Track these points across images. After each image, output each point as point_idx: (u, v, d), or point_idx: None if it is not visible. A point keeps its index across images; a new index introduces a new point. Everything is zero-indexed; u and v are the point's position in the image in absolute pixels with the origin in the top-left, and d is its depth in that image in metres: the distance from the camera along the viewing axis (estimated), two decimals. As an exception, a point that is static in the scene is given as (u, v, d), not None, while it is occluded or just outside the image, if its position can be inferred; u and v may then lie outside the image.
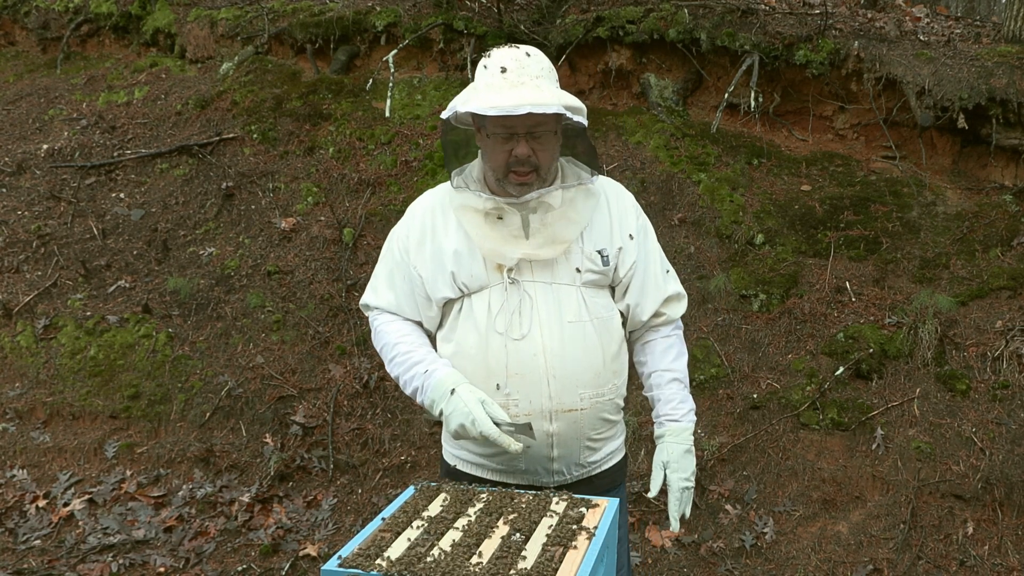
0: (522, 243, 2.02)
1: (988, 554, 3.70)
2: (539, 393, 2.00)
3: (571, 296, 2.04)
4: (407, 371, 2.09)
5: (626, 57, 6.21)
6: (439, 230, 2.10)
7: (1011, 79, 5.19)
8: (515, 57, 1.96)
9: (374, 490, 4.31)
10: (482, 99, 1.90)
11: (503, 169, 1.99)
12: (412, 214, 2.18)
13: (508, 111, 1.86)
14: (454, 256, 2.06)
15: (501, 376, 2.01)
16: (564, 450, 2.07)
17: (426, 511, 1.97)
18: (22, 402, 4.78)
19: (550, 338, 2.01)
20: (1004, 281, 4.64)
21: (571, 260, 2.05)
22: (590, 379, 2.04)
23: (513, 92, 1.89)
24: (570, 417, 2.03)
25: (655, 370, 2.20)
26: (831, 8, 6.18)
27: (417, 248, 2.11)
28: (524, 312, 2.01)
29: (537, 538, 1.86)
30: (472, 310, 2.05)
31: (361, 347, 4.88)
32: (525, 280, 2.03)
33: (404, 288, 2.14)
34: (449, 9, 6.59)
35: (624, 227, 2.14)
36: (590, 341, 2.04)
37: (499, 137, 1.96)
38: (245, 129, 6.24)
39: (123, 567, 3.91)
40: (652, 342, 2.21)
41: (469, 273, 2.05)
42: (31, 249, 5.62)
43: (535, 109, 1.85)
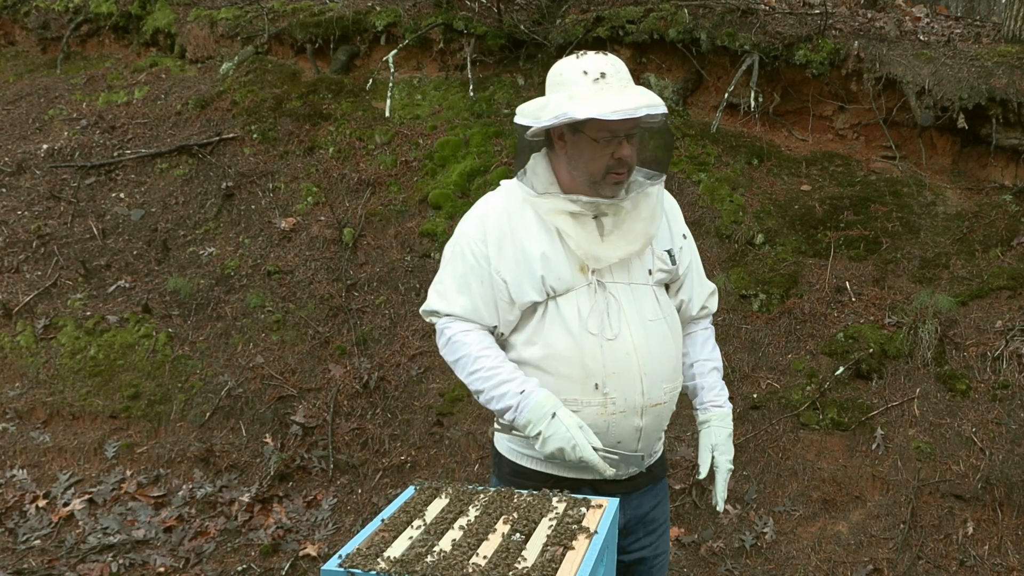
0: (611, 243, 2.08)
1: (988, 554, 3.70)
2: (633, 390, 2.07)
3: (647, 295, 2.13)
4: (496, 387, 2.09)
5: (626, 57, 6.21)
6: (519, 233, 2.11)
7: (1011, 79, 5.19)
8: (610, 63, 2.03)
9: (374, 490, 4.31)
10: (599, 104, 1.94)
11: (603, 171, 2.04)
12: (482, 217, 2.17)
13: (629, 114, 1.92)
14: (542, 259, 2.08)
15: (599, 376, 2.06)
16: (646, 443, 2.15)
17: (426, 511, 1.97)
18: (22, 402, 4.78)
19: (638, 337, 2.08)
20: (1004, 281, 4.64)
21: (644, 260, 2.14)
22: (670, 373, 2.15)
23: (624, 96, 1.96)
24: (656, 411, 2.12)
25: (697, 359, 2.31)
26: (831, 8, 6.18)
27: (497, 251, 2.11)
28: (612, 312, 2.08)
29: (537, 538, 1.86)
30: (560, 312, 2.08)
31: (361, 347, 4.88)
32: (608, 281, 2.09)
33: (481, 292, 2.13)
34: (449, 9, 6.59)
35: (677, 227, 2.25)
36: (667, 337, 2.14)
37: (602, 140, 2.01)
38: (245, 129, 6.24)
39: (123, 567, 3.91)
40: (693, 334, 2.33)
41: (557, 276, 2.08)
42: (31, 249, 5.62)
43: (651, 110, 1.94)
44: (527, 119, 2.06)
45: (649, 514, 2.27)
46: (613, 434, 2.08)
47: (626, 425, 2.08)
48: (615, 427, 2.08)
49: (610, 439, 2.07)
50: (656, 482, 2.28)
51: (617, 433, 2.08)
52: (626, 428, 2.09)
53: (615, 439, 2.08)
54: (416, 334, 4.94)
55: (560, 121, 1.97)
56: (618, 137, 2.00)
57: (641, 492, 2.23)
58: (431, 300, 2.21)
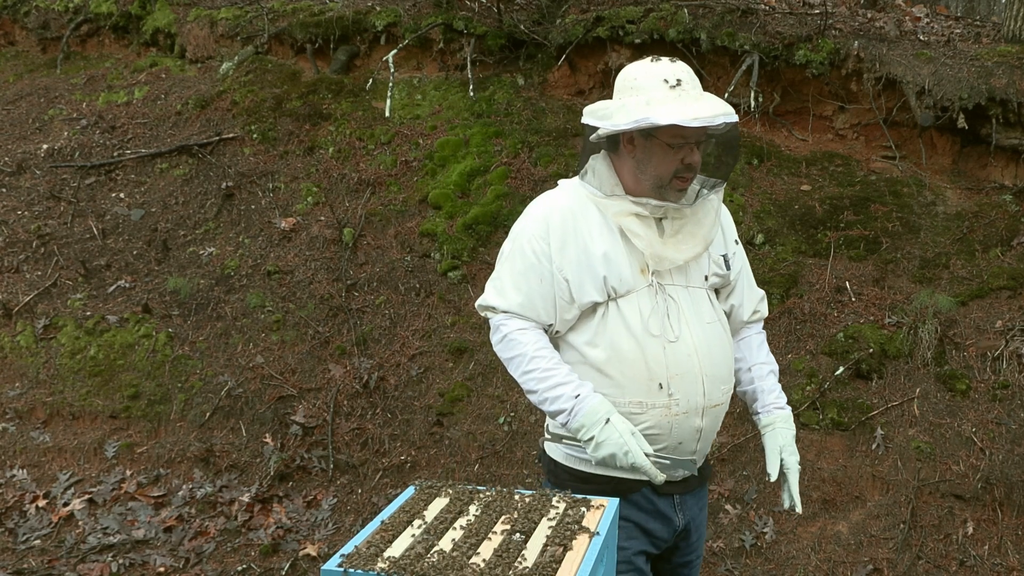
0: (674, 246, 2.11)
1: (988, 554, 3.70)
2: (696, 392, 2.09)
3: (703, 298, 2.17)
4: (550, 389, 2.10)
5: (626, 57, 6.21)
6: (582, 232, 2.11)
7: (1011, 79, 5.19)
8: (684, 69, 2.07)
9: (374, 490, 4.31)
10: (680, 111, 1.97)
11: (670, 176, 2.07)
12: (545, 216, 2.15)
13: (709, 121, 1.97)
14: (604, 259, 2.09)
15: (663, 378, 2.07)
16: (704, 443, 2.17)
17: (426, 511, 1.97)
18: (22, 402, 4.78)
19: (698, 339, 2.11)
20: (1004, 281, 4.64)
21: (701, 265, 2.17)
22: (727, 374, 2.18)
23: (701, 104, 2.00)
24: (715, 412, 2.15)
25: (754, 363, 2.33)
26: (831, 8, 6.18)
27: (560, 250, 2.11)
28: (672, 314, 2.10)
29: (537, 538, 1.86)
30: (622, 314, 2.09)
31: (361, 347, 4.88)
32: (667, 284, 2.12)
33: (540, 290, 2.12)
34: (449, 9, 6.59)
35: (729, 233, 2.28)
36: (723, 339, 2.18)
37: (675, 146, 2.04)
38: (245, 129, 6.24)
39: (123, 567, 3.91)
40: (748, 338, 2.35)
41: (619, 276, 2.09)
42: (31, 249, 5.62)
43: (727, 119, 2.00)
44: (598, 121, 2.07)
45: (698, 517, 2.30)
46: (676, 435, 2.10)
47: (688, 426, 2.11)
48: (677, 428, 2.10)
49: (672, 440, 2.10)
50: (701, 486, 2.30)
51: (679, 434, 2.10)
52: (687, 429, 2.11)
53: (677, 440, 2.10)
54: (416, 334, 4.94)
55: (640, 126, 1.99)
56: (689, 143, 2.04)
57: (692, 493, 2.25)
58: (488, 295, 2.20)
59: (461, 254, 5.25)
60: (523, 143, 5.79)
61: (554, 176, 5.57)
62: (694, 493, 2.26)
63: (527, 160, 5.71)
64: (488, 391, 4.64)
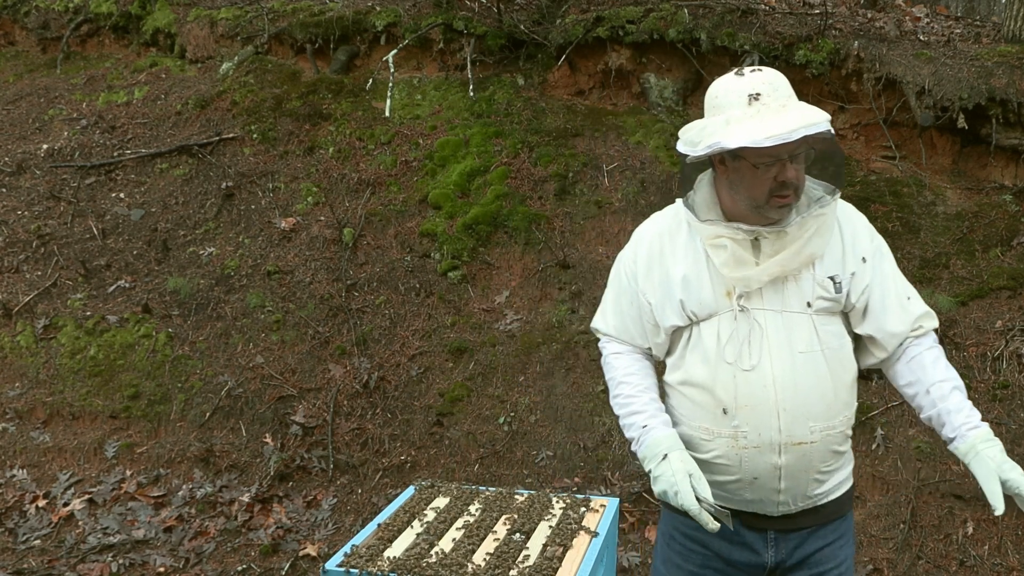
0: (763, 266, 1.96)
1: (988, 554, 3.70)
2: (768, 426, 1.94)
3: (802, 325, 1.98)
4: (627, 416, 2.09)
5: (626, 57, 6.21)
6: (667, 256, 2.07)
7: (1011, 79, 5.19)
8: (766, 80, 1.93)
9: (374, 490, 4.31)
10: (752, 130, 1.84)
11: (765, 196, 1.92)
12: (639, 238, 2.15)
13: (784, 139, 1.81)
14: (682, 283, 2.02)
15: (730, 407, 1.96)
16: (792, 483, 2.00)
17: (426, 511, 1.97)
18: (22, 402, 4.78)
19: (780, 369, 1.95)
20: (1004, 281, 4.64)
21: (802, 287, 1.98)
22: (821, 411, 1.97)
23: (781, 118, 1.85)
24: (799, 450, 1.96)
25: (932, 383, 2.04)
26: (831, 8, 6.18)
27: (645, 274, 2.09)
28: (754, 341, 1.96)
29: (537, 538, 1.86)
30: (701, 339, 2.01)
31: (361, 347, 4.88)
32: (755, 308, 1.97)
33: (631, 314, 2.13)
34: (449, 9, 6.59)
35: (857, 250, 2.04)
36: (821, 371, 1.97)
37: (764, 165, 1.90)
38: (245, 129, 6.24)
39: (123, 567, 3.91)
40: (917, 356, 2.07)
41: (698, 301, 2.01)
42: (31, 249, 5.62)
43: (809, 131, 1.82)
44: (685, 147, 1.96)
45: (814, 556, 2.09)
46: (747, 469, 1.98)
47: (762, 462, 1.96)
48: (749, 462, 1.97)
49: (745, 474, 1.99)
50: (826, 523, 2.10)
51: (751, 469, 1.98)
52: (762, 465, 1.97)
53: (751, 475, 1.98)
54: (416, 334, 4.95)
55: (713, 151, 1.89)
56: (780, 160, 1.88)
57: (806, 532, 2.08)
58: (595, 318, 2.24)
59: (461, 254, 5.25)
60: (523, 143, 5.79)
61: (554, 176, 5.57)
62: (810, 531, 2.08)
63: (527, 160, 5.71)
64: (488, 391, 4.64)
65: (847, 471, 2.14)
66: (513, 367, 4.72)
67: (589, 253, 5.18)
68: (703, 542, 2.10)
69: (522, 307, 5.02)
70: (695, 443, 2.03)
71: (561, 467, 4.27)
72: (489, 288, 5.15)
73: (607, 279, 2.28)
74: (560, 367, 4.66)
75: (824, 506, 2.08)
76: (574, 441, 4.35)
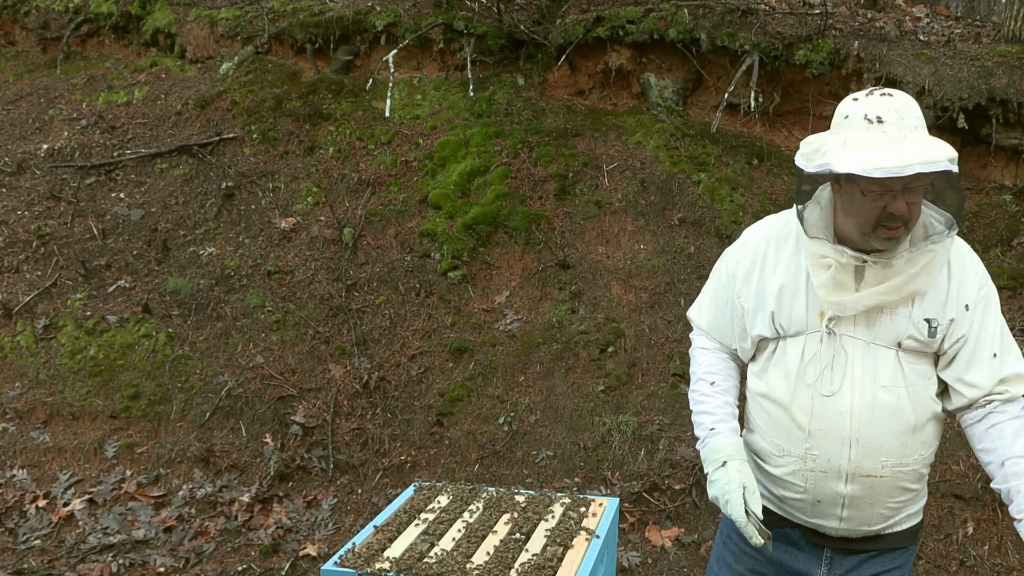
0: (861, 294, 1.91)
1: (988, 554, 3.69)
2: (839, 454, 1.93)
3: (888, 359, 1.93)
4: (698, 414, 2.11)
5: (626, 57, 6.21)
6: (768, 264, 2.05)
7: (1011, 79, 5.19)
8: (892, 107, 1.83)
9: (374, 490, 4.31)
10: (863, 157, 1.77)
11: (872, 224, 1.85)
12: (747, 241, 2.12)
13: (895, 172, 1.73)
14: (777, 295, 2.00)
15: (804, 428, 1.95)
16: (854, 512, 1.99)
17: (426, 511, 1.97)
18: (22, 402, 4.78)
19: (860, 399, 1.92)
20: (1004, 281, 4.64)
21: (896, 323, 1.92)
22: (895, 447, 1.93)
23: (898, 148, 1.77)
24: (868, 482, 1.94)
25: (1008, 457, 1.91)
26: (831, 8, 6.18)
27: (744, 278, 2.08)
28: (837, 367, 1.93)
29: (537, 538, 1.86)
30: (785, 354, 2.00)
31: (361, 347, 4.88)
32: (844, 334, 1.94)
33: (725, 312, 2.13)
34: (449, 9, 6.59)
35: (962, 296, 1.95)
36: (902, 408, 1.93)
37: (874, 194, 1.83)
38: (245, 129, 6.24)
39: (123, 567, 3.91)
40: (999, 425, 1.94)
41: (789, 316, 1.99)
42: (31, 249, 5.62)
43: (924, 168, 1.74)
44: (801, 160, 1.92)
45: None
46: (813, 492, 1.97)
47: (827, 487, 1.95)
48: (815, 486, 1.96)
49: (810, 496, 1.98)
50: (885, 551, 2.05)
51: (816, 492, 1.97)
52: (827, 490, 1.95)
53: (815, 497, 1.98)
54: (416, 334, 4.94)
55: (822, 171, 1.84)
56: (892, 191, 1.80)
57: (862, 556, 2.05)
58: (692, 308, 2.24)
59: (461, 254, 5.25)
60: (523, 143, 5.79)
61: (554, 176, 5.57)
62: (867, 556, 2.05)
63: (527, 160, 5.71)
64: (488, 391, 4.64)
65: (917, 507, 2.09)
66: (513, 367, 4.72)
67: (589, 253, 5.18)
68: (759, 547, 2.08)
69: (522, 307, 5.02)
70: (765, 455, 2.04)
71: (561, 467, 4.27)
72: (489, 288, 5.15)
73: (607, 279, 2.28)
74: (560, 367, 4.66)
75: (887, 536, 2.06)
76: (574, 441, 4.35)
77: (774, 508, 2.09)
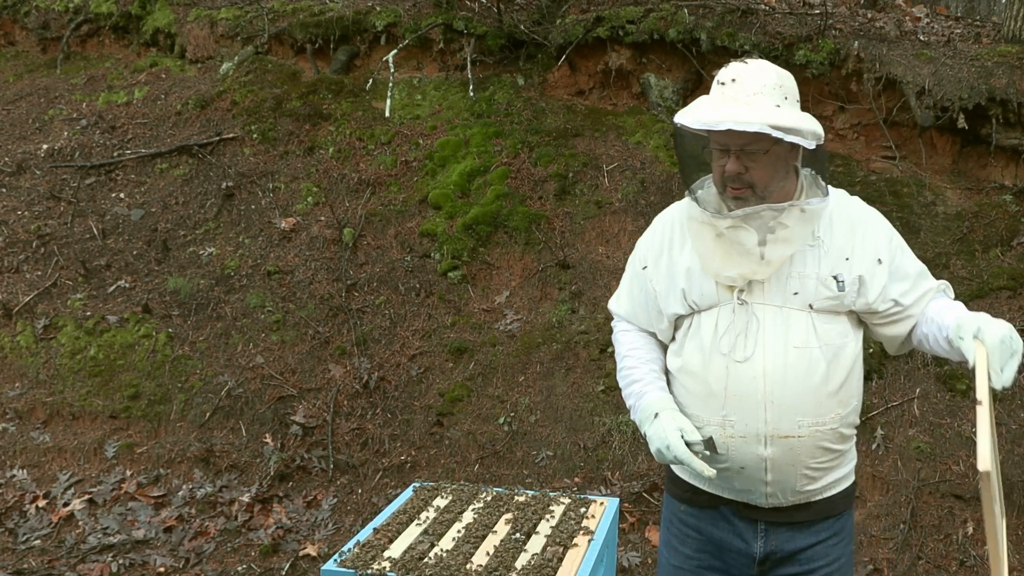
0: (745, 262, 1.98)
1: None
2: (755, 417, 1.97)
3: (800, 321, 1.98)
4: (627, 387, 2.14)
5: (626, 57, 6.21)
6: (675, 245, 2.11)
7: (1011, 79, 5.19)
8: (739, 73, 1.94)
9: (374, 490, 4.31)
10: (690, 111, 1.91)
11: (721, 183, 1.98)
12: (654, 227, 2.20)
13: (708, 126, 1.86)
14: (686, 273, 2.05)
15: (720, 397, 1.99)
16: (778, 475, 2.01)
17: (426, 511, 1.97)
18: (22, 402, 4.78)
19: (772, 362, 1.96)
20: (1004, 281, 4.64)
21: (806, 285, 1.99)
22: (811, 407, 1.97)
23: (723, 108, 1.89)
24: (787, 443, 1.98)
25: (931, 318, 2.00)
26: (831, 8, 6.18)
27: (655, 261, 2.14)
28: (750, 334, 1.98)
29: (537, 538, 1.86)
30: (700, 328, 2.04)
31: (361, 347, 4.88)
32: (756, 302, 1.99)
33: (640, 299, 2.17)
34: (449, 9, 6.59)
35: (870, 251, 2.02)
36: (815, 368, 1.97)
37: (717, 151, 1.96)
38: (245, 129, 6.24)
39: (123, 567, 3.91)
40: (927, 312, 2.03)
41: (700, 291, 2.03)
42: (31, 249, 5.62)
43: (736, 126, 1.84)
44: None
45: (804, 552, 2.10)
46: (735, 459, 2.00)
47: (748, 452, 1.99)
48: (736, 451, 2.00)
49: (733, 463, 2.01)
50: (818, 520, 2.10)
51: (739, 458, 2.00)
52: (748, 455, 1.99)
53: (738, 464, 2.01)
54: (416, 334, 4.94)
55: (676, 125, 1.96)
56: (729, 151, 1.92)
57: (797, 526, 2.09)
58: (611, 300, 2.29)
59: (461, 254, 5.25)
60: (523, 143, 5.79)
61: (554, 176, 5.57)
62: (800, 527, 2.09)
63: (527, 160, 5.71)
64: (488, 391, 4.64)
65: (844, 471, 2.13)
66: (513, 367, 4.72)
67: (589, 253, 5.18)
68: (697, 527, 2.14)
69: (522, 307, 5.02)
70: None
71: (561, 467, 4.27)
72: (489, 288, 5.15)
73: (607, 279, 2.31)
74: (560, 367, 4.66)
75: (817, 503, 2.09)
76: (574, 441, 4.35)
77: (705, 486, 2.12)
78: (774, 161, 1.94)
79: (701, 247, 2.02)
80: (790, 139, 1.87)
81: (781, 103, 1.93)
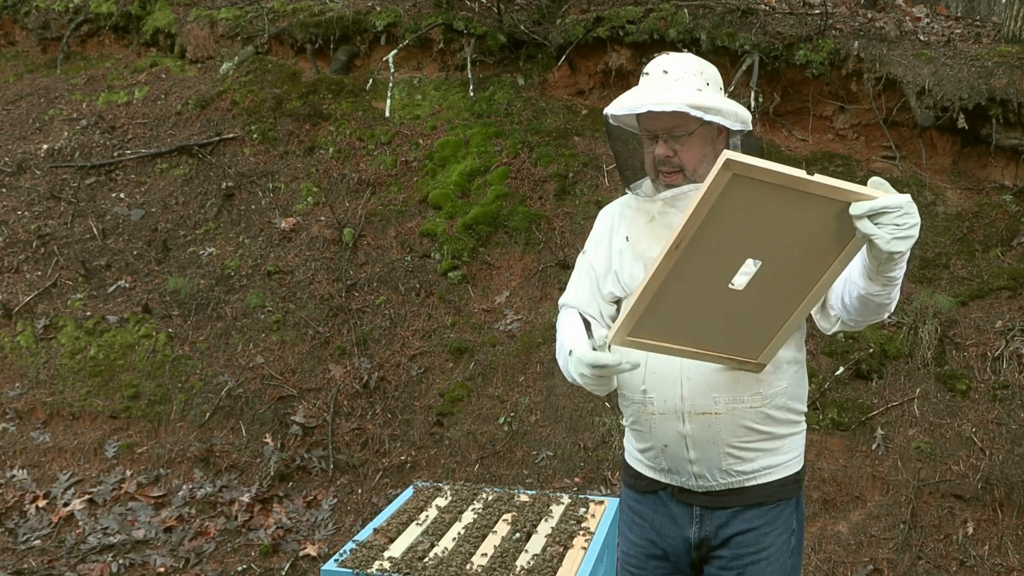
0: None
1: (988, 554, 3.70)
2: (672, 393, 2.01)
3: None
4: (559, 349, 2.16)
5: (626, 57, 6.21)
6: (615, 232, 2.18)
7: (1011, 79, 5.19)
8: (663, 63, 2.01)
9: (374, 490, 4.31)
10: (620, 99, 1.97)
11: (653, 169, 2.04)
12: (600, 216, 2.28)
13: (629, 110, 1.93)
14: (619, 255, 2.13)
15: (640, 374, 2.03)
16: (701, 453, 2.03)
17: (426, 511, 1.97)
18: (22, 402, 4.78)
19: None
20: (1004, 281, 4.64)
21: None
22: (727, 383, 1.99)
23: (643, 94, 1.95)
24: (704, 420, 2.00)
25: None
26: (831, 8, 6.18)
27: (595, 247, 2.21)
28: None
29: (537, 538, 1.86)
30: None
31: (361, 347, 4.88)
32: None
33: (585, 284, 2.22)
34: (449, 9, 6.59)
35: None
36: None
37: (647, 138, 2.02)
38: (245, 129, 6.24)
39: (123, 567, 3.91)
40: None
41: (630, 272, 2.09)
42: (31, 249, 5.62)
43: (655, 107, 1.89)
44: None
45: (736, 537, 2.09)
46: (658, 436, 2.04)
47: (668, 429, 2.02)
48: (658, 429, 2.04)
49: (656, 441, 2.06)
50: (751, 507, 2.08)
51: (661, 436, 2.04)
52: (670, 433, 2.02)
53: (661, 442, 2.05)
54: (416, 334, 4.94)
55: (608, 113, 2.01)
56: (657, 136, 1.99)
57: (731, 511, 2.08)
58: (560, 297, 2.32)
59: (461, 254, 5.25)
60: (523, 143, 5.79)
61: (554, 176, 5.57)
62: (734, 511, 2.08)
63: (527, 160, 5.71)
64: (488, 391, 4.64)
65: (782, 458, 2.11)
66: (513, 367, 4.72)
67: (589, 253, 5.18)
68: (641, 513, 2.19)
69: (522, 307, 5.02)
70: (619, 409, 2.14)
71: (561, 467, 4.27)
72: (489, 288, 5.15)
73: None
74: (560, 367, 4.66)
75: (751, 488, 2.08)
76: (574, 441, 4.35)
77: (642, 469, 2.17)
78: (701, 144, 2.00)
79: (633, 232, 2.10)
80: (709, 118, 1.91)
81: (703, 88, 1.98)
